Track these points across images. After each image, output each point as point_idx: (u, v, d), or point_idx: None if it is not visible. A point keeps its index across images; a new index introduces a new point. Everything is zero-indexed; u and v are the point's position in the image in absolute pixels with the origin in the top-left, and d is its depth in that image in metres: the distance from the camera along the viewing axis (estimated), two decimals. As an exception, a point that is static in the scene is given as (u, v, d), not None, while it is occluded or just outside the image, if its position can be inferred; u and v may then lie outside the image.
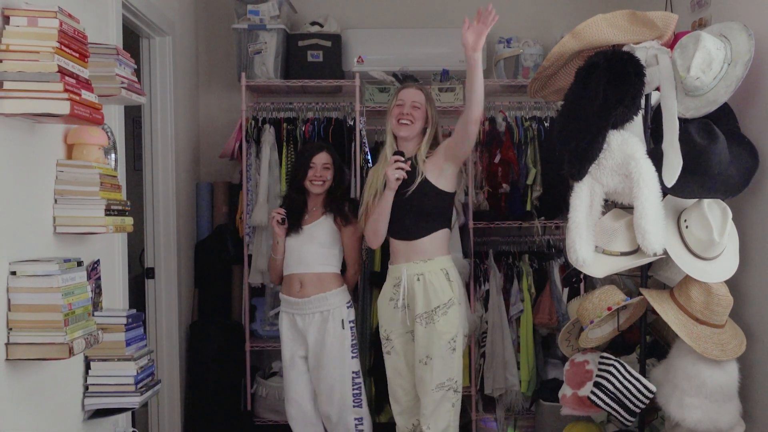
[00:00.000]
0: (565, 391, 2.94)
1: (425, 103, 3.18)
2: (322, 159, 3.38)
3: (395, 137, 3.22)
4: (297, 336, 3.38)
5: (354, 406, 3.36)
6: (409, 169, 3.11)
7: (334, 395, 3.33)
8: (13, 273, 2.00)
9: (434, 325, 3.07)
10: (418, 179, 3.11)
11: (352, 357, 3.36)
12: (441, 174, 3.12)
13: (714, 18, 3.13)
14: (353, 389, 3.35)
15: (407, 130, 3.15)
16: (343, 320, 3.35)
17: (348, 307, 3.39)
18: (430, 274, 3.10)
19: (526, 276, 4.08)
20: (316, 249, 3.36)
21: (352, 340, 3.38)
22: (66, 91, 1.91)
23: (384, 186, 3.15)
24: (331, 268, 3.39)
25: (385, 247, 3.42)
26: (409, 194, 3.11)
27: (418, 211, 3.13)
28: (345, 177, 3.55)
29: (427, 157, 3.15)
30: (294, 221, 3.39)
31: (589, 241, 2.73)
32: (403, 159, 3.11)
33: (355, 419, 3.37)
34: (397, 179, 3.09)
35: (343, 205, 3.41)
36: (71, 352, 2.00)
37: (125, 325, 2.46)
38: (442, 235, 3.17)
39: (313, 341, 3.33)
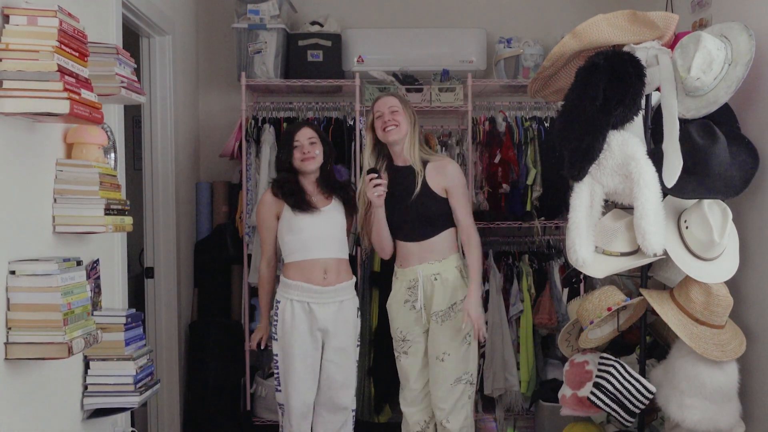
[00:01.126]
0: (565, 391, 2.94)
1: (401, 105, 3.20)
2: (306, 134, 3.22)
3: (383, 146, 3.25)
4: (313, 327, 3.19)
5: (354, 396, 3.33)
6: (385, 180, 3.15)
7: (351, 386, 3.28)
8: (13, 272, 2.00)
9: (451, 321, 3.15)
10: (419, 187, 3.15)
11: (357, 345, 3.34)
12: (440, 190, 3.19)
13: (714, 18, 3.13)
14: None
15: (395, 134, 3.17)
16: (357, 308, 3.33)
17: (355, 297, 3.36)
18: (446, 273, 3.18)
19: (526, 276, 4.08)
20: (338, 234, 3.27)
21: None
22: (66, 90, 1.91)
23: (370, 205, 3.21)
24: (346, 254, 3.32)
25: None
26: (412, 201, 3.15)
27: (423, 215, 3.18)
28: (333, 150, 3.39)
29: (428, 161, 3.21)
30: (302, 201, 3.19)
31: (589, 242, 2.72)
32: (376, 175, 3.14)
33: (352, 411, 3.33)
34: (378, 196, 3.12)
35: (350, 194, 3.34)
36: (70, 352, 2.00)
37: (124, 324, 2.46)
38: (451, 233, 3.24)
39: (333, 332, 3.21)
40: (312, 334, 3.21)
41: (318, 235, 3.20)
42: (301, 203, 3.20)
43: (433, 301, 3.18)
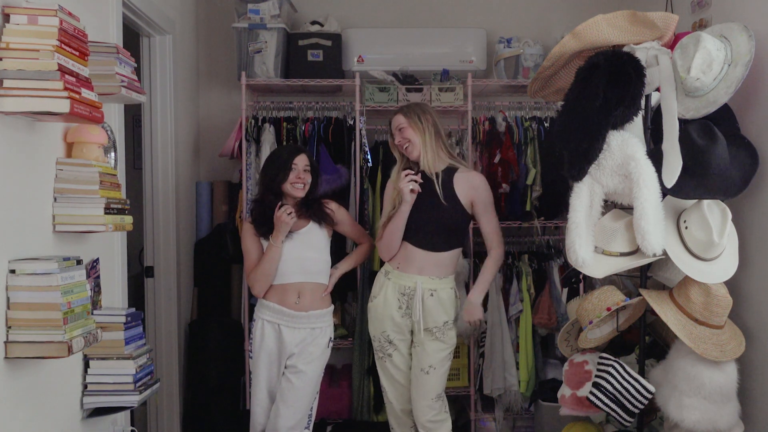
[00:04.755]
0: (564, 391, 2.94)
1: (406, 121, 3.20)
2: (303, 161, 3.22)
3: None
4: (281, 348, 3.20)
5: (305, 428, 3.24)
6: (421, 180, 3.15)
7: (299, 412, 3.18)
8: (13, 271, 2.00)
9: (443, 337, 3.21)
10: (440, 191, 3.17)
11: (320, 376, 3.28)
12: (467, 203, 3.23)
13: (714, 19, 3.13)
14: (309, 410, 3.26)
15: (412, 151, 3.21)
16: (330, 338, 3.29)
17: (330, 326, 3.31)
18: (442, 291, 3.22)
19: (526, 276, 4.08)
20: (316, 256, 3.25)
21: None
22: (66, 89, 1.91)
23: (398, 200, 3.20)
24: (326, 279, 3.28)
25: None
26: (439, 207, 3.16)
27: (445, 225, 3.20)
28: (318, 180, 3.36)
29: (456, 170, 3.23)
30: (271, 230, 3.17)
31: (588, 242, 2.72)
32: (413, 171, 3.15)
33: None
34: (412, 191, 3.12)
35: (321, 210, 3.29)
36: (70, 351, 2.00)
37: (124, 323, 2.46)
38: (458, 253, 3.31)
39: (297, 355, 3.19)
40: (279, 358, 3.21)
41: (294, 258, 3.19)
42: (270, 232, 3.17)
43: (427, 316, 3.20)
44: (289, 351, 3.19)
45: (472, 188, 3.23)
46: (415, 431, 3.33)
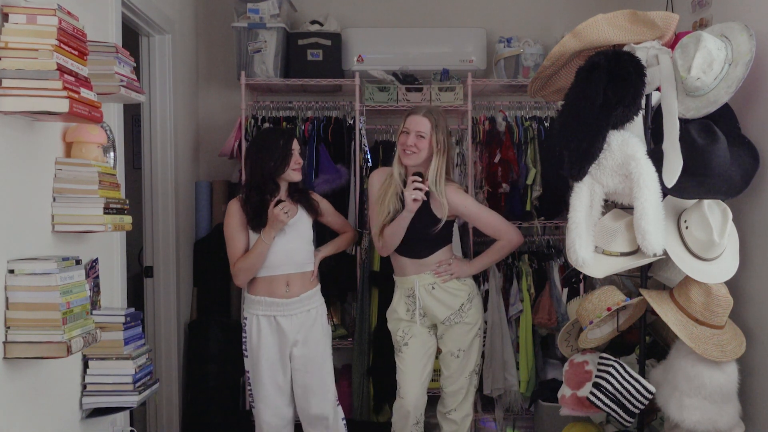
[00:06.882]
0: (564, 391, 2.94)
1: (431, 131, 3.14)
2: (297, 145, 3.20)
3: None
4: (282, 339, 3.18)
5: (337, 405, 3.29)
6: (428, 189, 3.12)
7: (328, 394, 3.23)
8: (11, 271, 1.99)
9: (462, 321, 3.24)
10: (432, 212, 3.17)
11: (330, 352, 3.31)
12: (440, 213, 3.18)
13: (715, 18, 3.12)
14: (334, 387, 3.30)
15: (411, 160, 3.17)
16: (327, 314, 3.32)
17: (323, 303, 3.32)
18: (443, 281, 3.24)
19: (526, 276, 4.08)
20: (303, 246, 3.25)
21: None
22: (65, 89, 1.90)
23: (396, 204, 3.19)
24: (311, 266, 3.28)
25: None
26: (413, 221, 3.15)
27: (424, 237, 3.20)
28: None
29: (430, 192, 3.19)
30: (264, 222, 3.11)
31: (588, 242, 2.72)
32: (421, 180, 3.12)
33: (342, 419, 3.30)
34: (415, 200, 3.09)
35: (309, 198, 3.30)
36: (69, 351, 2.00)
37: (123, 323, 2.46)
38: (447, 250, 3.30)
39: (302, 340, 3.19)
40: (281, 350, 3.19)
41: (283, 250, 3.17)
42: (263, 226, 3.12)
43: (435, 311, 3.23)
44: (291, 340, 3.19)
45: (446, 201, 3.17)
46: (418, 429, 3.32)
